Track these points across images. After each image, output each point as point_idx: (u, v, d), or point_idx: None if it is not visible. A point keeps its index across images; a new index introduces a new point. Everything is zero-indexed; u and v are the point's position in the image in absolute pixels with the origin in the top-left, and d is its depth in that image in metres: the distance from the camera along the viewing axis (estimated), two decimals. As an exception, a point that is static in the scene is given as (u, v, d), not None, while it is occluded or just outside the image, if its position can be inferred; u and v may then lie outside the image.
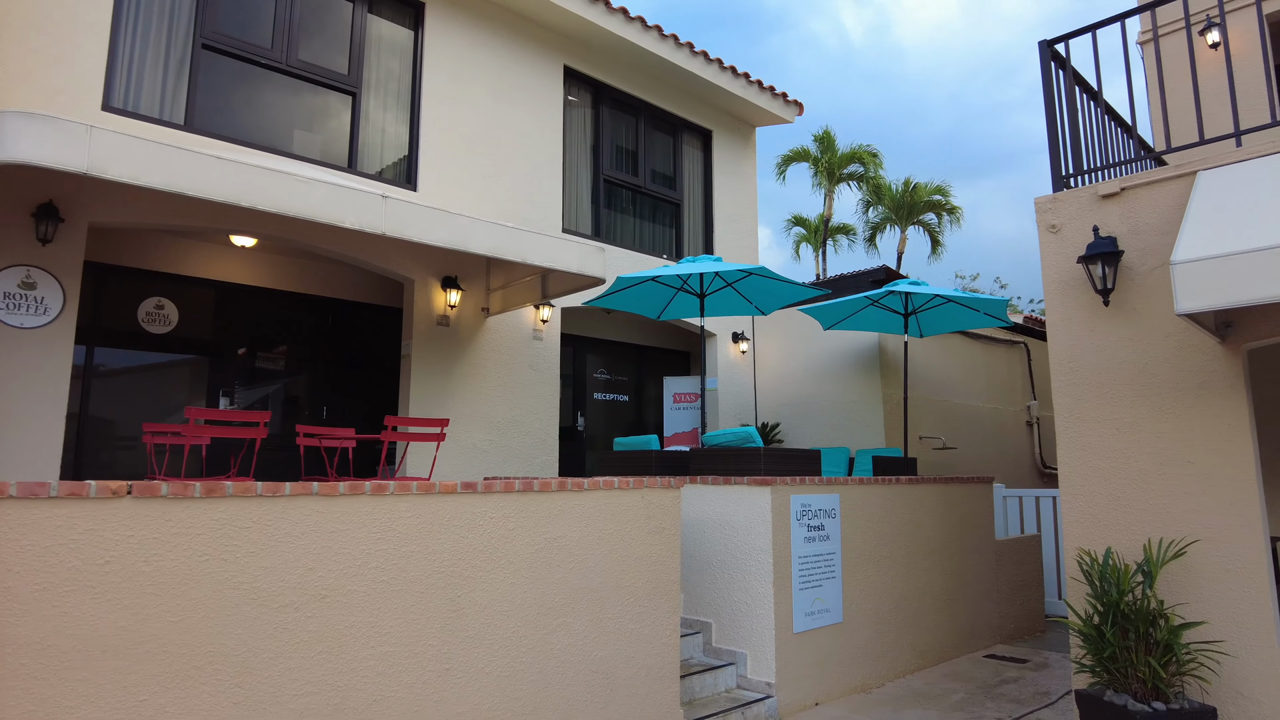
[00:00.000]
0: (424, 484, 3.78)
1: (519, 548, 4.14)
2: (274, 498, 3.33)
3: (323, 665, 3.40)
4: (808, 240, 25.26)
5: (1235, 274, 3.47)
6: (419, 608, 3.73)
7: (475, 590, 3.94)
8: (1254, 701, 4.01)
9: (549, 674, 4.19)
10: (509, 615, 4.06)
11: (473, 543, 3.95)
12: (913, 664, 6.73)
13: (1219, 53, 6.76)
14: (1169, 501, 4.33)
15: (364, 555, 3.57)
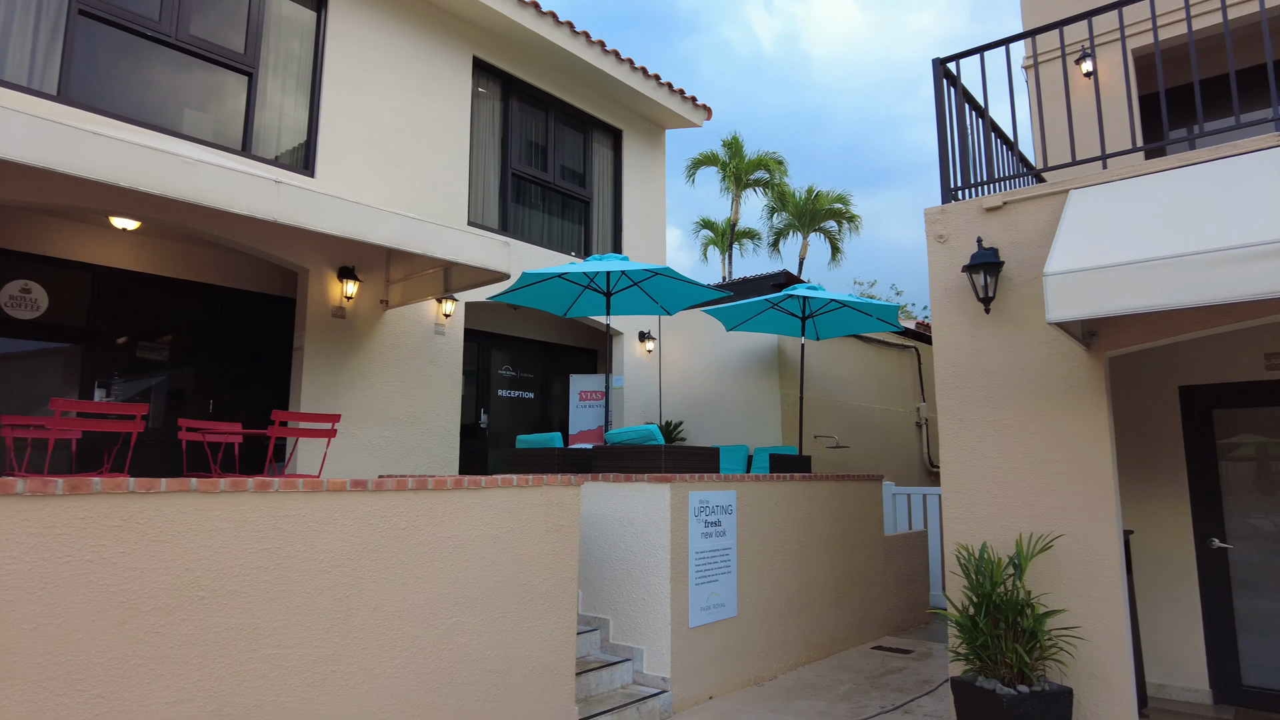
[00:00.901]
0: (311, 481, 3.66)
1: (413, 547, 4.06)
2: (148, 495, 3.16)
3: (199, 670, 3.24)
4: (715, 243, 25.69)
5: (1099, 286, 3.73)
6: (306, 609, 3.60)
7: (366, 590, 3.84)
8: (1104, 682, 4.33)
9: (442, 674, 4.13)
10: (401, 615, 3.97)
11: (364, 542, 3.85)
12: (804, 656, 6.95)
13: (1092, 81, 7.25)
14: (1039, 498, 4.62)
15: (247, 555, 3.42)
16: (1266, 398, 5.82)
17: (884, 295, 33.24)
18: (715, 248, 25.73)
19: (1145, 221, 4.00)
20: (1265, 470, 5.85)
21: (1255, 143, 4.29)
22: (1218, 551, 5.86)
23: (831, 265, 24.78)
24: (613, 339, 10.30)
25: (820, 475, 7.53)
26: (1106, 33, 7.27)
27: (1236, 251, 3.43)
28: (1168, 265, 3.57)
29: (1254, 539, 5.80)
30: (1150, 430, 6.15)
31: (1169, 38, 6.92)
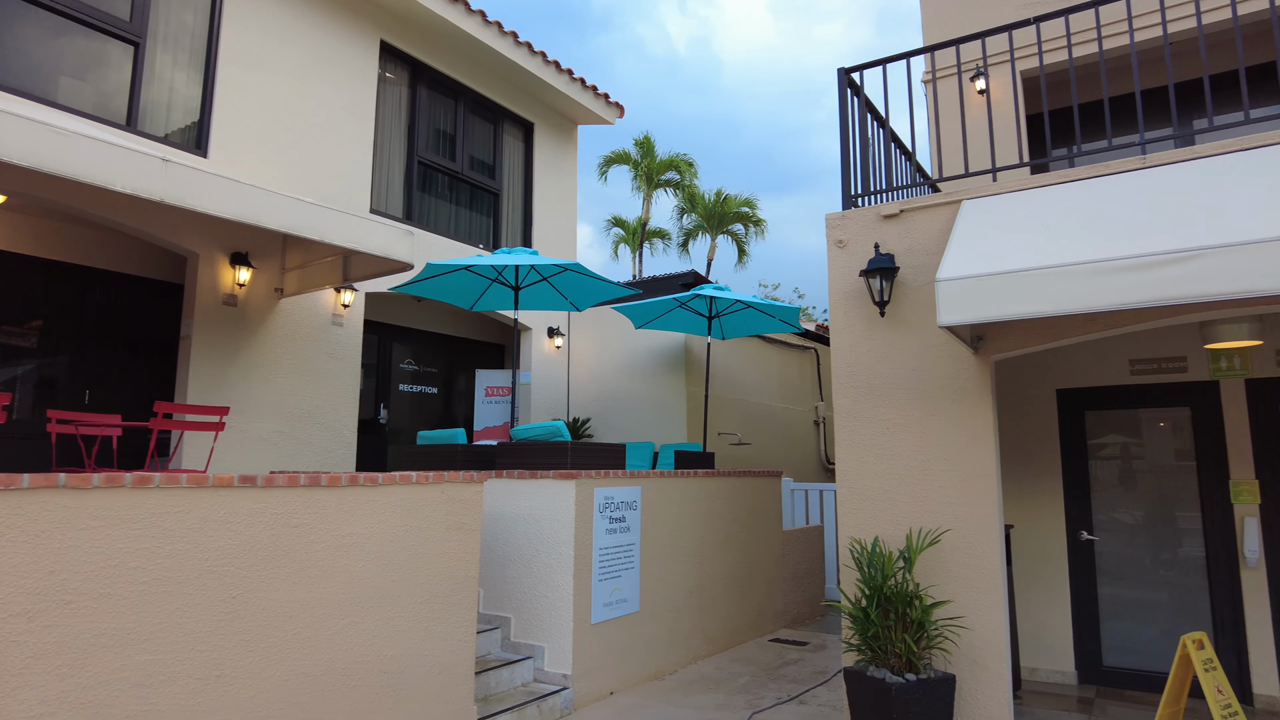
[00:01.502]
0: (196, 476, 3.47)
1: (306, 546, 3.91)
2: (6, 492, 2.93)
3: (64, 680, 3.03)
4: (626, 241, 25.78)
5: (986, 293, 3.93)
6: (188, 611, 3.42)
7: (255, 591, 3.67)
8: (984, 668, 4.57)
9: (335, 676, 3.99)
10: (292, 616, 3.82)
11: (252, 540, 3.68)
12: (704, 650, 7.06)
13: (984, 98, 7.64)
14: (929, 494, 4.84)
15: (123, 555, 3.22)
16: (1130, 400, 6.27)
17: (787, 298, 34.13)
18: (626, 246, 25.83)
19: (1029, 233, 4.24)
20: (1127, 468, 6.30)
21: (1124, 164, 4.61)
22: (1086, 544, 6.28)
23: (738, 267, 25.26)
24: (521, 334, 10.20)
25: (723, 471, 7.66)
26: (999, 54, 7.67)
27: (1106, 264, 3.68)
28: (1047, 275, 3.80)
29: (1117, 532, 6.25)
30: (1030, 430, 6.53)
31: (1053, 63, 7.35)
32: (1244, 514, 5.75)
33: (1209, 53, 6.89)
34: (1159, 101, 7.50)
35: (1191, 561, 5.96)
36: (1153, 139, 4.67)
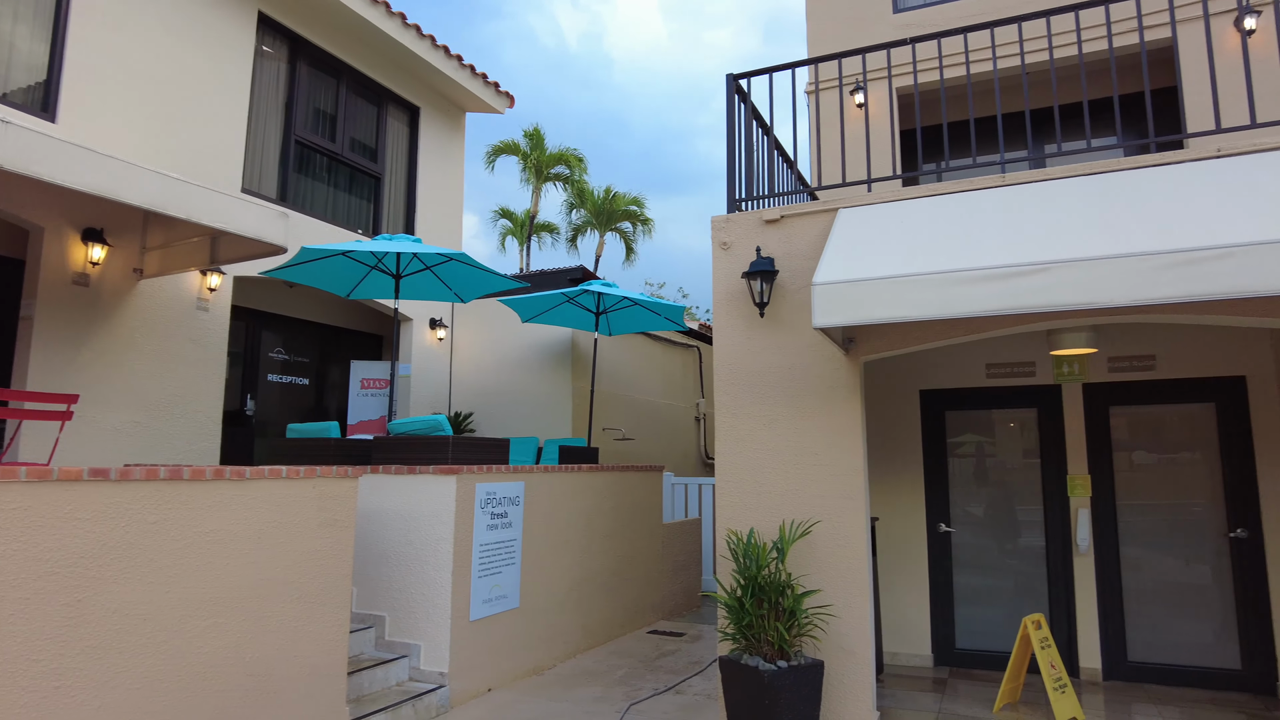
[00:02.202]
0: (37, 470, 3.20)
1: (164, 543, 3.67)
2: None
3: (-125, 693, 2.73)
4: (514, 234, 25.47)
5: (857, 298, 4.14)
6: (24, 616, 3.15)
7: (105, 593, 3.42)
8: (851, 654, 4.82)
9: (196, 680, 3.77)
10: (148, 619, 3.58)
11: (103, 538, 3.43)
12: (584, 644, 7.10)
13: (863, 112, 8.02)
14: (802, 487, 5.05)
15: (-53, 555, 2.93)
16: (985, 402, 6.75)
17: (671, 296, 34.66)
18: (513, 238, 25.52)
19: (899, 242, 4.49)
20: (981, 465, 6.79)
21: (986, 181, 4.96)
22: (944, 535, 6.71)
23: (626, 264, 25.46)
24: (401, 324, 9.91)
25: (606, 466, 7.72)
26: (878, 70, 8.07)
27: (968, 273, 3.95)
28: (914, 282, 4.04)
29: (970, 524, 6.72)
30: (896, 428, 6.92)
31: (926, 82, 7.80)
32: (1078, 506, 6.31)
33: (1060, 84, 7.49)
34: (1020, 125, 8.09)
35: (1033, 550, 6.49)
36: (1011, 159, 5.04)
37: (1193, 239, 3.63)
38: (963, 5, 8.41)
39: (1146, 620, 6.14)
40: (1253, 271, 3.47)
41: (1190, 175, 4.35)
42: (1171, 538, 6.17)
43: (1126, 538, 6.25)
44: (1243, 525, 5.95)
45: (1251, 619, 5.87)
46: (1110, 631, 6.16)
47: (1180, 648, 6.04)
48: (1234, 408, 6.07)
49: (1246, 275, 3.47)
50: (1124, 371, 6.31)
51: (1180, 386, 6.20)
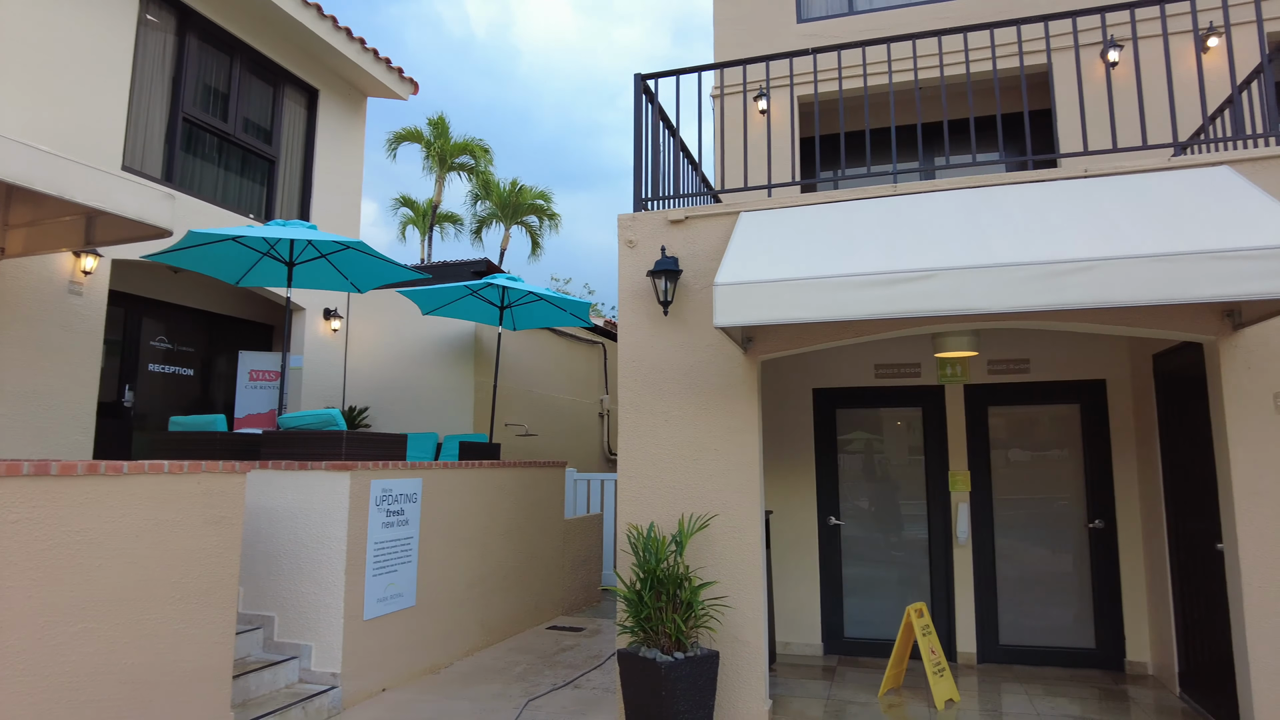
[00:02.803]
0: (-116, 464, 2.94)
1: (28, 544, 3.44)
2: None
3: None
4: (415, 223, 24.85)
5: (756, 299, 4.27)
6: None
7: (-43, 596, 3.18)
8: (745, 644, 4.97)
9: (65, 690, 3.55)
10: (7, 627, 3.35)
11: (-42, 537, 3.18)
12: (482, 641, 7.04)
13: (765, 118, 8.24)
14: (701, 482, 5.17)
15: None
16: (874, 401, 7.07)
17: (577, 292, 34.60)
18: (415, 228, 24.90)
19: (797, 246, 4.65)
20: (870, 461, 7.10)
21: (879, 190, 5.20)
22: (834, 528, 7.00)
23: (531, 259, 25.24)
24: (293, 314, 9.54)
25: (507, 462, 7.67)
26: (780, 78, 8.30)
27: (859, 278, 4.14)
28: (810, 285, 4.20)
29: (858, 517, 7.03)
30: (791, 425, 7.16)
31: (826, 92, 8.09)
32: (958, 500, 6.69)
33: (950, 101, 7.91)
34: (913, 137, 8.48)
35: (917, 542, 6.84)
36: (903, 170, 5.29)
37: (1059, 252, 3.92)
38: (864, 19, 8.76)
39: (1017, 606, 6.58)
40: (1110, 284, 3.77)
41: (1060, 192, 4.69)
42: (1040, 529, 6.63)
43: (1001, 529, 6.67)
44: (1100, 517, 6.45)
45: (1105, 602, 6.37)
46: (984, 617, 6.57)
47: (1045, 630, 6.50)
48: (1095, 409, 6.57)
49: (1104, 287, 3.77)
50: (1001, 374, 6.73)
51: (1050, 388, 6.66)
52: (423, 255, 24.28)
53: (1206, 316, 4.57)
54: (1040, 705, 5.47)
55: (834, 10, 9.06)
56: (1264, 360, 4.47)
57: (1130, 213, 4.26)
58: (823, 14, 9.07)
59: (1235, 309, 4.48)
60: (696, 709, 4.60)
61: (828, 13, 9.06)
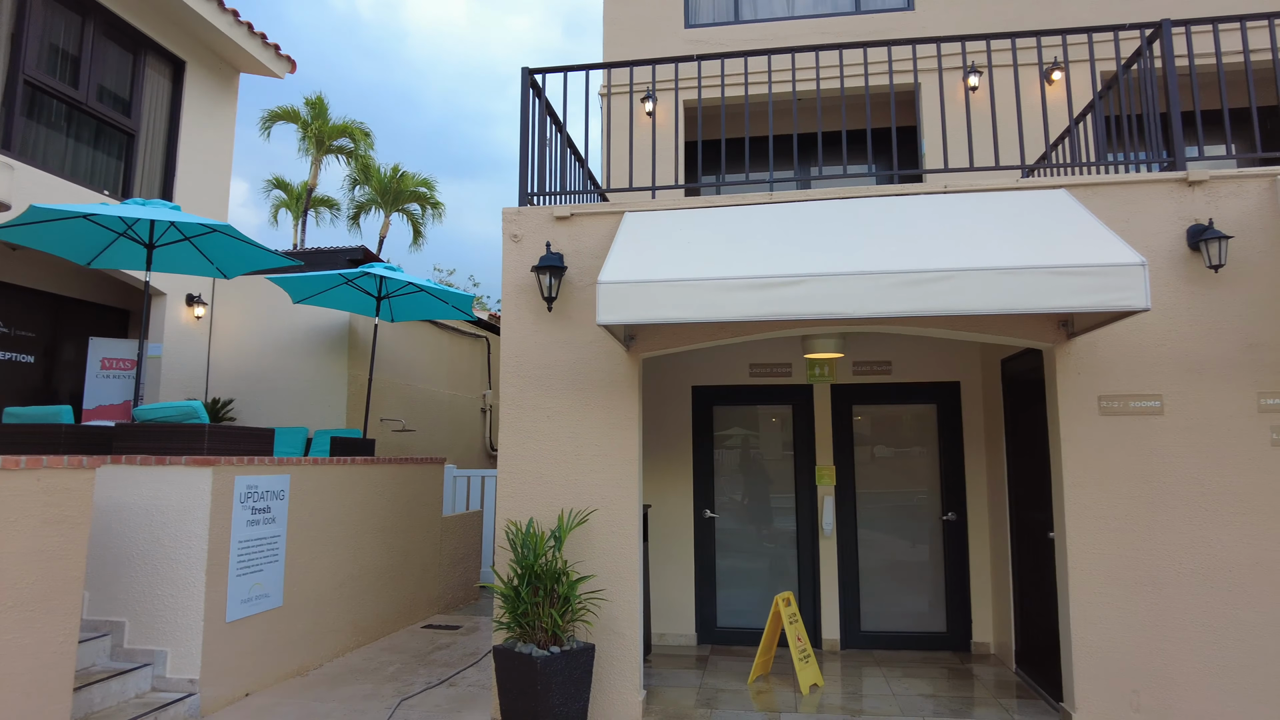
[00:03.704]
0: None
1: None
2: None
3: None
4: (289, 207, 23.71)
5: (638, 298, 4.36)
6: None
7: None
8: (621, 636, 5.07)
9: None
10: None
11: None
12: (353, 641, 6.85)
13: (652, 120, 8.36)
14: (581, 478, 5.22)
15: None
16: (749, 398, 7.33)
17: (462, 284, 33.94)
18: (288, 211, 23.75)
19: (678, 248, 4.78)
20: (744, 456, 7.36)
21: (757, 197, 5.40)
22: (708, 521, 7.21)
23: (412, 248, 24.57)
24: (152, 299, 8.94)
25: (382, 459, 7.48)
26: (666, 81, 8.45)
27: (735, 281, 4.29)
28: (689, 286, 4.33)
29: (733, 510, 7.27)
30: (670, 421, 7.32)
31: (710, 98, 8.30)
32: (824, 494, 7.04)
33: (826, 114, 8.29)
34: (792, 147, 8.82)
35: (787, 534, 7.15)
36: (780, 179, 5.52)
37: (921, 262, 4.20)
38: (748, 29, 9.04)
39: (877, 594, 6.98)
40: (965, 293, 4.08)
41: (923, 206, 5.02)
42: (900, 521, 7.06)
43: (864, 522, 7.06)
44: (953, 509, 6.94)
45: (955, 589, 6.87)
46: (847, 606, 6.94)
47: (902, 617, 6.94)
48: (950, 409, 7.06)
49: (960, 296, 4.08)
50: (865, 374, 7.13)
51: (909, 389, 7.11)
52: (296, 240, 23.20)
53: (1046, 326, 5.01)
54: (896, 686, 5.84)
55: (720, 18, 9.30)
56: (1091, 366, 4.94)
57: (983, 228, 4.62)
58: (710, 21, 9.30)
59: (1069, 319, 4.93)
60: (571, 702, 4.66)
61: (714, 20, 9.29)
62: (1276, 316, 4.84)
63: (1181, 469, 4.81)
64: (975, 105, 7.78)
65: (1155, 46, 5.36)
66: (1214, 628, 4.67)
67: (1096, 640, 4.76)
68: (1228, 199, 4.97)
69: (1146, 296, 3.99)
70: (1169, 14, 7.94)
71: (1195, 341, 4.89)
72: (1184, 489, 4.79)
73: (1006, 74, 7.49)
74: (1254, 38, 6.70)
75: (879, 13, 8.90)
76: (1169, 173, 5.06)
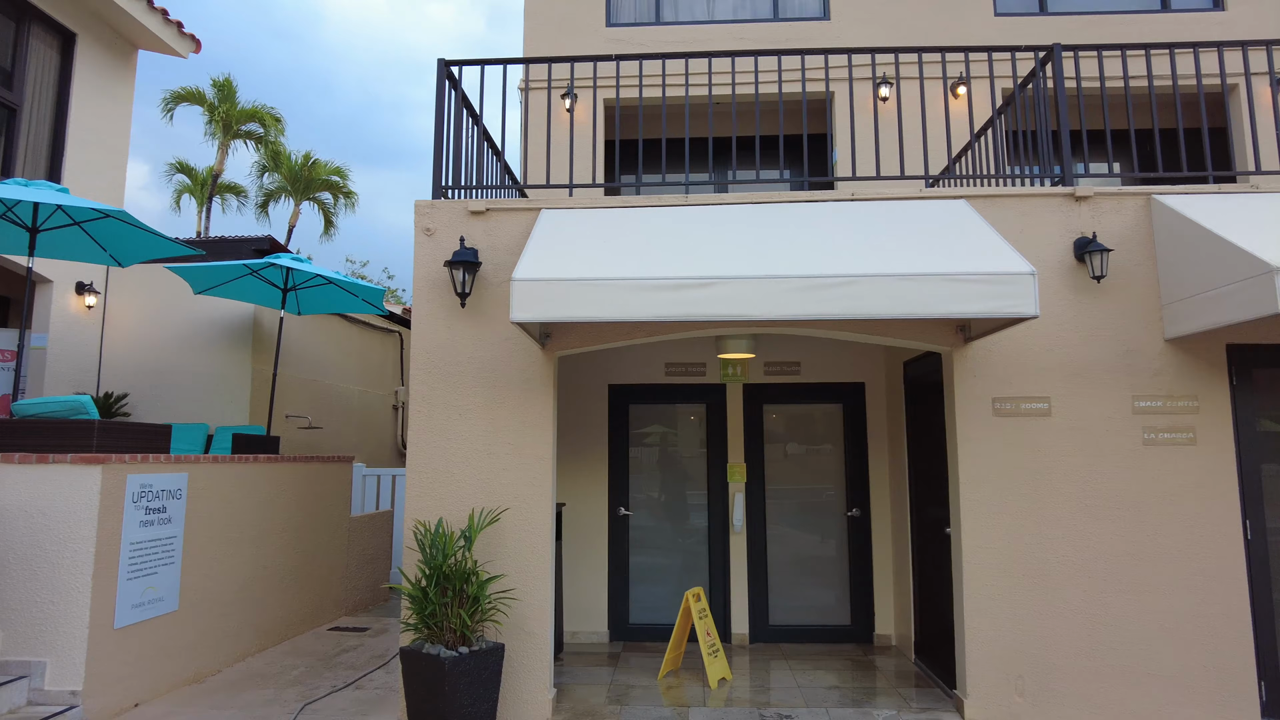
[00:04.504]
0: None
1: None
2: None
3: None
4: (192, 192, 22.61)
5: (552, 296, 4.35)
6: None
7: None
8: (531, 635, 5.05)
9: None
10: None
11: None
12: (255, 645, 6.62)
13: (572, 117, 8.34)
14: (493, 476, 5.17)
15: None
16: (665, 397, 7.41)
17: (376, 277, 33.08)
18: (192, 197, 22.65)
19: (594, 247, 4.79)
20: (662, 453, 7.44)
21: (672, 199, 5.46)
22: (623, 518, 7.26)
23: (324, 238, 23.78)
24: (36, 287, 8.40)
25: (288, 457, 7.25)
26: (584, 79, 8.43)
27: (648, 282, 4.34)
28: (603, 286, 4.34)
29: (648, 508, 7.34)
30: (587, 419, 7.33)
31: (628, 98, 8.32)
32: (735, 490, 7.17)
33: (743, 120, 8.43)
34: (707, 150, 8.93)
35: (699, 530, 7.26)
36: (694, 182, 5.60)
37: (822, 267, 4.33)
38: (669, 30, 9.11)
39: (785, 589, 7.16)
40: (864, 298, 4.23)
41: (831, 212, 5.17)
42: (808, 518, 7.26)
43: (774, 518, 7.24)
44: (858, 506, 7.18)
45: (859, 583, 7.11)
46: (756, 600, 7.09)
47: (809, 610, 7.14)
48: (856, 408, 7.29)
49: (859, 301, 4.23)
50: (776, 375, 7.30)
51: (818, 389, 7.32)
52: (200, 228, 22.17)
53: (944, 330, 5.24)
54: (801, 678, 6.00)
55: (642, 19, 9.35)
56: (986, 369, 5.19)
57: (886, 235, 4.79)
58: (631, 21, 9.33)
59: (967, 325, 5.17)
60: (480, 702, 4.62)
61: (636, 20, 9.33)
62: (1149, 325, 5.19)
63: (1066, 467, 5.11)
64: (886, 116, 8.06)
65: (1048, 68, 5.67)
66: (1090, 614, 4.98)
67: (987, 630, 5.01)
68: (1110, 214, 5.30)
69: (1035, 304, 4.23)
70: (1068, 39, 8.41)
71: (1079, 347, 5.20)
72: (1067, 486, 5.09)
73: (915, 87, 7.78)
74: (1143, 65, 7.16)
75: (796, 21, 9.10)
76: (1059, 188, 5.37)
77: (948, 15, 8.91)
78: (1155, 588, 4.98)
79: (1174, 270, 5.05)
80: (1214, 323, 4.63)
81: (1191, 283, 4.85)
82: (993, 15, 8.96)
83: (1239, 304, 4.39)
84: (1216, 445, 5.11)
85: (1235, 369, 5.19)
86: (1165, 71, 7.15)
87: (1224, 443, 5.11)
